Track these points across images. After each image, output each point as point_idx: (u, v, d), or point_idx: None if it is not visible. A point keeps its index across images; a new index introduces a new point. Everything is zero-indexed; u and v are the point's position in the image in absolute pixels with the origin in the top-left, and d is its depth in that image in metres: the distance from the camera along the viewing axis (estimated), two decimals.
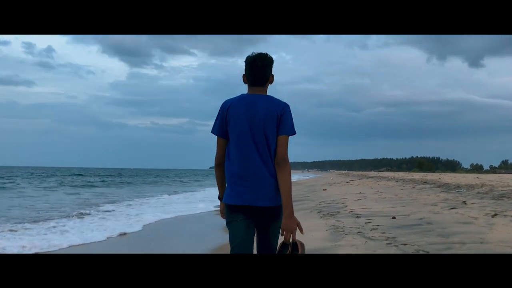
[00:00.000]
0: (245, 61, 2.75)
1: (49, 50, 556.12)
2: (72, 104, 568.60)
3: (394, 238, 6.41)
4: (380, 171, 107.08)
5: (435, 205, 10.52)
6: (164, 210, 14.11)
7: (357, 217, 9.16)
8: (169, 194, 23.73)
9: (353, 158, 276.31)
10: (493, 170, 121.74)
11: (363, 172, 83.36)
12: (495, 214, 8.00)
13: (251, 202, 2.62)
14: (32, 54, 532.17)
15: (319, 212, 10.76)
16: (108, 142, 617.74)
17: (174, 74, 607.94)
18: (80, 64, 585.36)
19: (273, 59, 2.76)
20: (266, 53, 2.74)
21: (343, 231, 7.45)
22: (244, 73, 2.76)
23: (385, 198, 13.49)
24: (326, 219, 9.38)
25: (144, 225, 10.34)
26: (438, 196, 12.98)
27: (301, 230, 2.65)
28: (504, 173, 79.65)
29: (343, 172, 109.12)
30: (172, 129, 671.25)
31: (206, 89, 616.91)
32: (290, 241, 2.59)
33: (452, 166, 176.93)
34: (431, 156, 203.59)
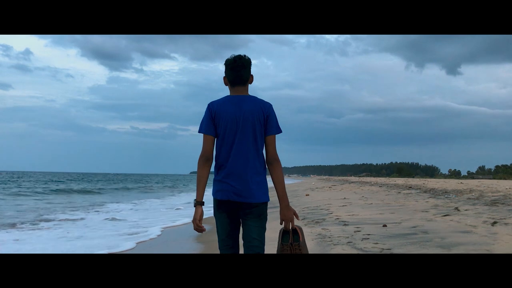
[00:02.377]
0: (225, 64, 2.85)
1: (27, 52, 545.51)
2: (50, 108, 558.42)
3: (390, 249, 5.71)
4: (360, 176, 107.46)
5: (426, 211, 9.90)
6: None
7: (345, 224, 8.47)
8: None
9: (333, 164, 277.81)
10: (471, 175, 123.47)
11: (344, 177, 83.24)
12: (495, 222, 7.38)
13: (239, 199, 2.74)
14: (9, 56, 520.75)
15: (303, 219, 10.03)
16: (86, 146, 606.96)
17: (154, 79, 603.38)
18: (59, 67, 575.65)
19: (251, 61, 2.87)
20: (245, 55, 2.85)
21: (331, 241, 6.74)
22: (224, 75, 2.87)
23: (371, 204, 12.84)
24: (311, 227, 8.66)
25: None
26: (427, 202, 12.39)
27: (297, 217, 2.86)
28: (482, 178, 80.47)
29: (324, 177, 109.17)
30: (152, 133, 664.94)
31: (186, 94, 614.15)
32: (290, 228, 2.83)
33: (430, 171, 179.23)
34: (409, 162, 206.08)
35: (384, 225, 7.98)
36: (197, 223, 2.74)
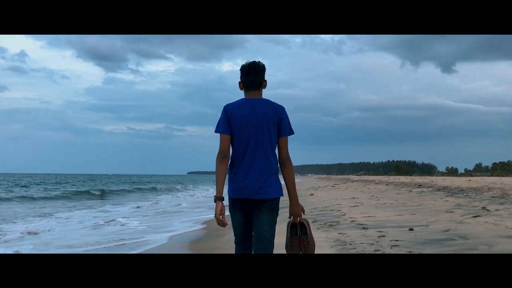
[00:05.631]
0: (240, 69, 3.02)
1: (22, 54, 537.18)
2: (46, 110, 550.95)
3: None
4: (358, 175, 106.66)
5: (451, 211, 8.94)
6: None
7: (364, 228, 7.49)
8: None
9: (331, 162, 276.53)
10: (468, 173, 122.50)
11: (345, 176, 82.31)
12: None
13: (253, 196, 2.91)
14: (4, 58, 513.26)
15: (314, 221, 9.04)
16: (83, 147, 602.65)
17: (150, 79, 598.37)
18: (54, 69, 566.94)
19: (265, 66, 3.05)
20: (259, 61, 3.03)
21: (354, 248, 5.76)
22: (239, 80, 3.03)
23: (385, 204, 11.88)
24: (325, 231, 7.67)
25: None
26: (447, 201, 11.43)
27: (304, 212, 3.12)
28: (480, 175, 79.64)
29: (322, 176, 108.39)
30: (148, 134, 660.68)
31: (183, 94, 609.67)
32: (298, 222, 3.07)
33: (428, 169, 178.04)
34: (407, 160, 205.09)
35: (411, 229, 7.02)
36: (218, 218, 2.90)
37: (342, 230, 7.50)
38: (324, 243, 6.35)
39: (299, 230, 3.03)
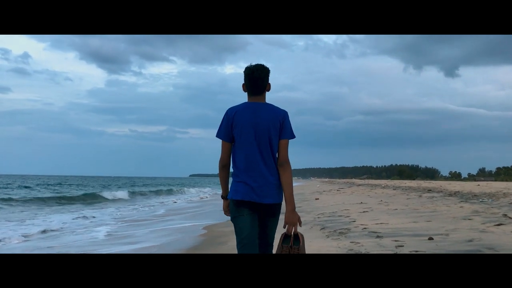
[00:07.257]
0: (244, 72, 2.97)
1: (25, 56, 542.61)
2: (49, 111, 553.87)
3: None
4: (361, 179, 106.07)
5: (469, 219, 8.35)
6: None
7: (378, 236, 6.92)
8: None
9: (333, 166, 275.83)
10: (472, 177, 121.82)
11: (349, 180, 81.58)
12: None
13: (256, 199, 2.89)
14: (7, 60, 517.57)
15: (322, 228, 8.47)
16: (85, 149, 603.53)
17: (153, 81, 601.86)
18: (57, 70, 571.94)
19: (269, 69, 2.99)
20: (263, 64, 2.98)
21: None
22: (243, 82, 2.99)
23: (396, 209, 11.28)
24: (335, 239, 7.09)
25: None
26: (462, 207, 10.82)
27: (300, 223, 2.96)
28: (483, 180, 79.03)
29: (326, 179, 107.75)
30: (151, 136, 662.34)
31: (185, 97, 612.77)
32: (292, 233, 2.91)
33: (431, 173, 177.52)
34: (409, 164, 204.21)
35: (430, 238, 6.44)
36: (225, 210, 3.10)
37: (354, 238, 6.93)
38: (334, 252, 5.79)
39: (292, 240, 2.92)
